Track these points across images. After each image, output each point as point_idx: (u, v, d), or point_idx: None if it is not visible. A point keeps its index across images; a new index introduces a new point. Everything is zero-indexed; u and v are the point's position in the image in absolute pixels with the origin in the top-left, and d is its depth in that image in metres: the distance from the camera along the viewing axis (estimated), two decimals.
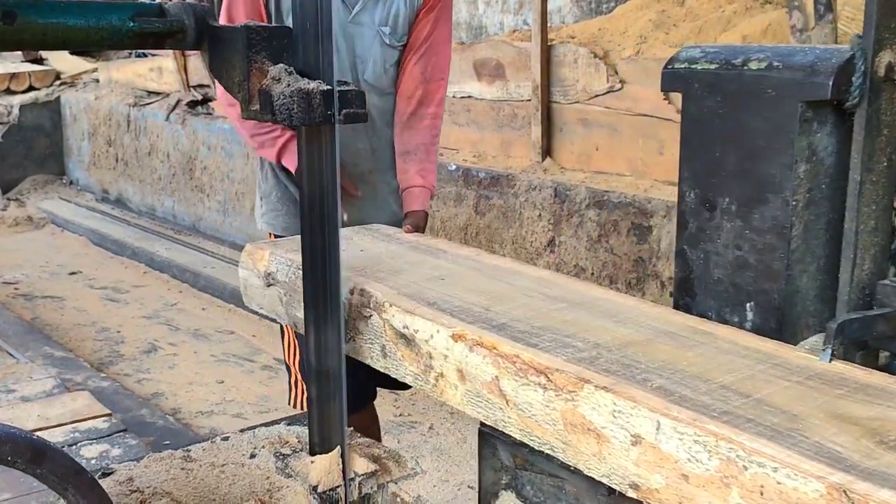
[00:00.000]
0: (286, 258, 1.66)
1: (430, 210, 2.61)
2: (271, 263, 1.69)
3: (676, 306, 1.55)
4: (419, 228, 2.06)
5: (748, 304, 1.44)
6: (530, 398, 1.20)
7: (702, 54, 1.48)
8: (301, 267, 1.43)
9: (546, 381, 1.18)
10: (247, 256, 1.78)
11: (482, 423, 1.36)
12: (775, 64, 1.36)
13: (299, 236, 1.56)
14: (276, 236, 2.25)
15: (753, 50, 1.42)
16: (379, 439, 2.47)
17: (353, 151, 2.15)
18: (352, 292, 1.50)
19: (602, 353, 1.24)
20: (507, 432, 1.27)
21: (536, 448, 1.23)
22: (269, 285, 1.70)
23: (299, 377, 2.34)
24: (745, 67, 1.39)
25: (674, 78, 1.53)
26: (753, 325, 1.43)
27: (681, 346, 1.28)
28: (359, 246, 1.79)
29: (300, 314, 1.53)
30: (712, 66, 1.44)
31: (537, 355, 1.22)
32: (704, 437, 1.01)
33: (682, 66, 1.51)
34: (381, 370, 1.48)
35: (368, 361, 1.49)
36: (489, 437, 1.40)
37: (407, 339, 1.38)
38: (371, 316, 1.46)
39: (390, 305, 1.42)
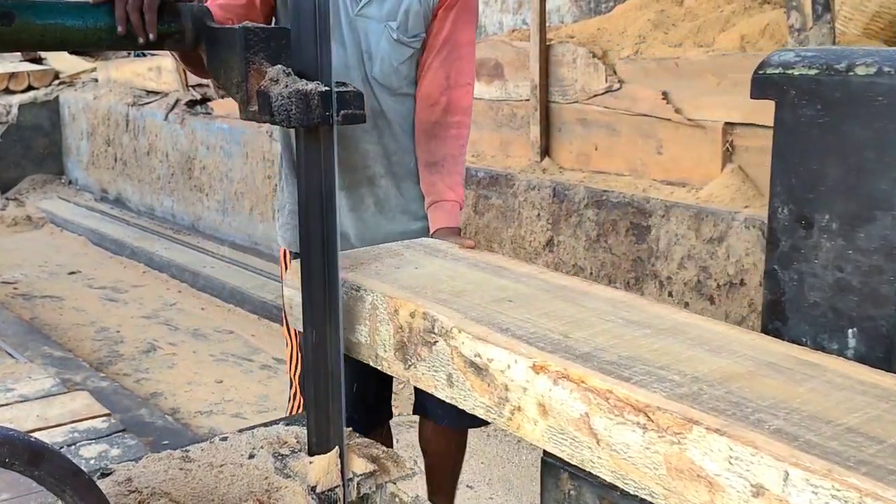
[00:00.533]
0: (340, 277, 1.53)
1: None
2: None
3: (765, 330, 1.43)
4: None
5: (850, 331, 1.32)
6: (627, 439, 1.10)
7: (797, 58, 1.37)
8: (352, 286, 1.39)
9: (646, 421, 1.07)
10: (292, 274, 1.62)
11: (546, 453, 1.27)
12: (885, 69, 1.25)
13: (352, 251, 1.55)
14: (289, 252, 2.16)
15: (858, 54, 1.31)
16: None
17: (362, 152, 2.04)
18: (412, 315, 1.40)
19: (703, 388, 1.12)
20: (594, 473, 1.16)
21: (631, 493, 1.12)
22: None
23: (299, 391, 2.31)
24: (851, 73, 1.28)
25: (766, 84, 1.41)
26: (856, 353, 1.32)
27: (788, 380, 1.16)
28: (412, 263, 1.67)
29: (353, 337, 1.51)
30: (811, 72, 1.33)
31: (633, 391, 1.10)
32: (845, 491, 0.90)
33: (776, 71, 1.39)
34: (446, 400, 1.38)
35: (431, 390, 1.40)
36: (555, 469, 1.31)
37: (478, 369, 1.28)
38: (436, 342, 1.35)
39: (459, 331, 1.31)
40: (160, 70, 7.33)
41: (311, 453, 1.47)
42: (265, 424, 1.68)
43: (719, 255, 3.30)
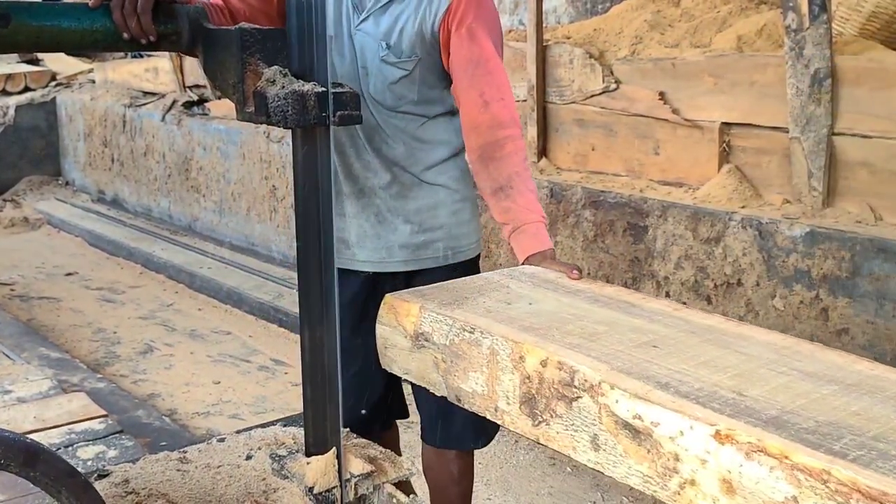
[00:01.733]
0: (445, 315, 1.36)
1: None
2: (423, 321, 1.40)
3: None
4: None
5: None
6: None
7: None
8: (464, 326, 1.25)
9: None
10: (388, 311, 1.46)
11: None
12: None
13: (449, 283, 1.44)
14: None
15: None
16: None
17: (364, 162, 2.00)
18: (544, 364, 1.21)
19: None
20: None
21: None
22: (419, 347, 1.40)
23: None
24: None
25: None
26: None
27: None
28: (524, 297, 1.48)
29: (465, 385, 1.32)
30: None
31: (860, 473, 0.91)
32: None
33: None
34: (588, 464, 1.19)
35: (568, 452, 1.21)
36: None
37: (635, 432, 1.10)
38: (579, 398, 1.17)
39: (611, 387, 1.12)
40: (157, 71, 7.33)
41: (308, 454, 1.47)
42: (262, 426, 1.68)
43: (716, 255, 3.30)
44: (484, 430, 2.13)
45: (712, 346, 1.27)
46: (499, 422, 1.30)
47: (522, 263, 1.84)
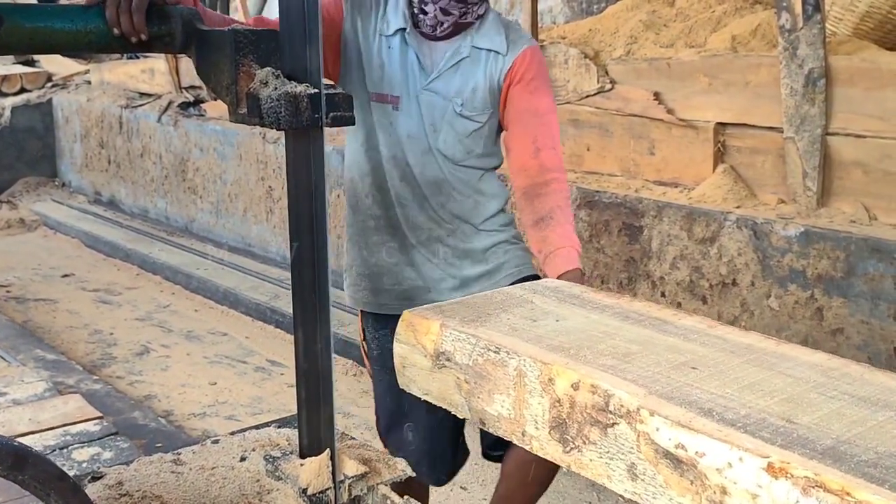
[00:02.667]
0: (467, 333, 1.29)
1: None
2: (444, 339, 1.32)
3: None
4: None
5: None
6: None
7: None
8: (489, 345, 1.21)
9: None
10: (406, 328, 1.38)
11: None
12: None
13: (469, 299, 1.42)
14: (361, 315, 2.22)
15: None
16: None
17: (429, 214, 2.08)
18: (576, 387, 1.14)
19: None
20: None
21: None
22: (440, 367, 1.34)
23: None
24: None
25: None
26: None
27: None
28: (549, 314, 1.41)
29: (490, 408, 1.26)
30: None
31: None
32: None
33: None
34: (625, 494, 1.15)
35: (603, 481, 1.14)
36: None
37: (677, 462, 1.03)
38: (615, 424, 1.10)
39: (651, 414, 1.06)
40: (153, 72, 7.33)
41: (302, 455, 1.47)
42: (257, 427, 1.68)
43: (711, 255, 3.31)
44: None
45: (755, 368, 1.19)
46: (527, 447, 1.24)
47: None
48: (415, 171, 2.04)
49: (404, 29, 2.01)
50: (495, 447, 2.25)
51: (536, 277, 2.19)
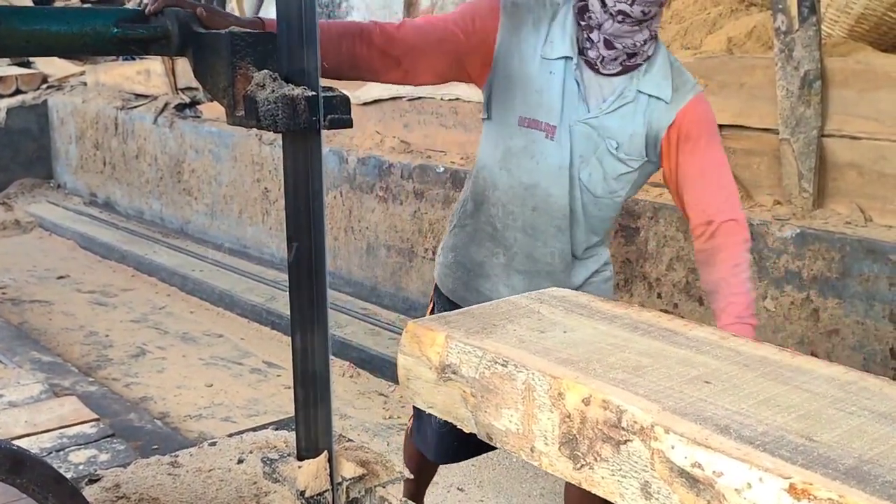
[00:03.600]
0: (473, 346, 1.26)
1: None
2: (449, 352, 1.29)
3: None
4: None
5: None
6: None
7: None
8: (496, 358, 1.19)
9: None
10: (410, 339, 1.34)
11: None
12: None
13: (474, 309, 1.41)
14: (437, 291, 2.20)
15: None
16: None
17: (550, 248, 2.03)
18: (587, 402, 1.10)
19: None
20: None
21: None
22: (446, 380, 1.31)
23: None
24: None
25: None
26: None
27: None
28: (557, 325, 1.37)
29: (498, 423, 1.23)
30: None
31: None
32: None
33: None
34: None
35: (615, 499, 1.11)
36: None
37: (693, 481, 1.00)
38: (628, 441, 1.07)
39: (665, 431, 1.02)
40: (149, 73, 7.32)
41: (300, 458, 1.47)
42: (254, 429, 1.68)
43: None
44: None
45: (770, 382, 1.16)
46: (535, 463, 1.21)
47: None
48: (557, 203, 1.97)
49: (570, 58, 1.90)
50: None
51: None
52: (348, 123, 1.38)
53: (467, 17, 1.92)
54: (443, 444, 2.21)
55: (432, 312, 2.22)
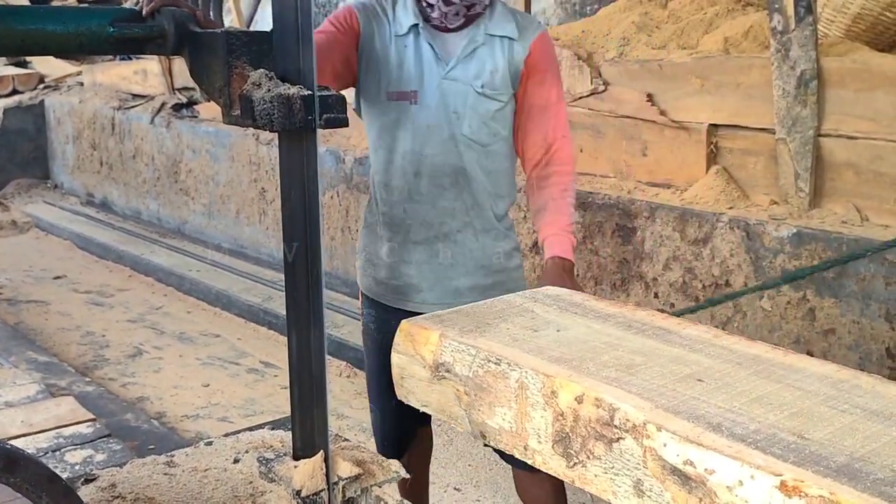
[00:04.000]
0: (466, 344, 1.27)
1: None
2: (443, 351, 1.30)
3: None
4: (561, 277, 1.95)
5: None
6: None
7: None
8: (489, 357, 1.19)
9: None
10: (404, 338, 1.36)
11: None
12: None
13: (468, 308, 1.41)
14: (361, 295, 2.31)
15: None
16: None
17: (439, 209, 2.10)
18: (579, 400, 1.11)
19: None
20: None
21: None
22: (440, 379, 1.31)
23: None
24: None
25: None
26: None
27: None
28: (550, 323, 1.38)
29: (491, 421, 1.24)
30: None
31: None
32: None
33: None
34: None
35: (608, 496, 1.12)
36: None
37: (685, 479, 1.01)
38: (620, 439, 1.07)
39: (658, 429, 1.03)
40: (146, 73, 7.31)
41: (296, 457, 1.47)
42: (250, 429, 1.68)
43: (704, 256, 3.32)
44: None
45: (763, 380, 1.17)
46: (529, 461, 1.22)
47: (544, 264, 2.05)
48: (434, 162, 2.06)
49: (416, 24, 2.05)
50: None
51: None
52: (344, 123, 1.38)
53: (341, 19, 2.08)
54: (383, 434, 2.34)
55: (362, 316, 2.35)
